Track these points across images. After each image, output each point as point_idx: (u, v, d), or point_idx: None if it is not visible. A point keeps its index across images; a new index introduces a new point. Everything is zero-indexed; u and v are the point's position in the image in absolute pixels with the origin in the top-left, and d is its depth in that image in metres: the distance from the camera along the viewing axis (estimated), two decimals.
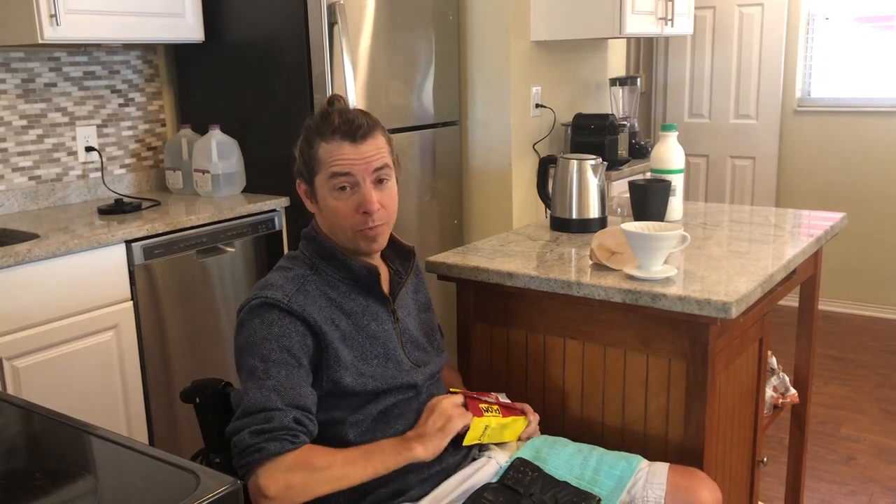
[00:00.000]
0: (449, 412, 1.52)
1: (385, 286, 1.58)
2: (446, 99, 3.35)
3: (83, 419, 1.14)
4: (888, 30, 4.50)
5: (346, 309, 1.50)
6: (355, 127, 1.49)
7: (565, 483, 1.53)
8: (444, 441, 1.49)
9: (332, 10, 2.74)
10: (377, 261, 1.59)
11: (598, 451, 1.63)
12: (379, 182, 1.51)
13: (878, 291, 4.56)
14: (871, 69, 4.52)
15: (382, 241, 1.55)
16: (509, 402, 1.67)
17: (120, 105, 3.03)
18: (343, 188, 1.49)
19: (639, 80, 4.10)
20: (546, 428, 1.71)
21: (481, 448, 1.62)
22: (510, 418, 1.61)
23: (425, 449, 1.46)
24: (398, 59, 3.09)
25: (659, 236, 1.65)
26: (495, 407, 1.61)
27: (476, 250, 1.98)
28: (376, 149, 1.50)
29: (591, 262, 1.81)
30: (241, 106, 2.98)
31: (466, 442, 1.53)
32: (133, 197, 2.88)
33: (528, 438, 1.65)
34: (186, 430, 2.55)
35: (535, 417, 1.68)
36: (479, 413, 1.56)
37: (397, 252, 1.64)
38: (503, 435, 1.58)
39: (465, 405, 1.56)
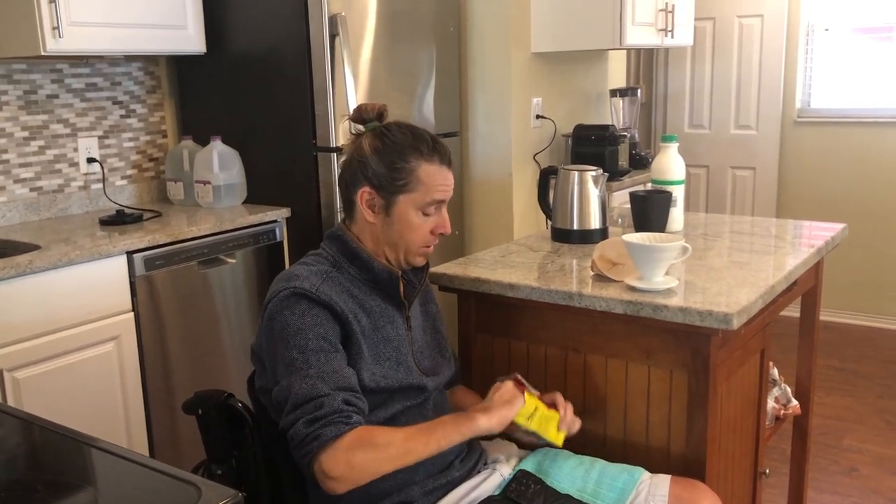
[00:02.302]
0: (514, 390, 1.53)
1: (401, 289, 1.59)
2: (447, 110, 3.36)
3: (84, 431, 1.14)
4: (887, 41, 4.51)
5: (366, 307, 1.51)
6: (447, 152, 1.55)
7: (568, 496, 1.53)
8: (510, 413, 1.48)
9: (333, 21, 2.75)
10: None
11: (600, 463, 1.63)
12: None
13: (880, 302, 4.56)
14: (870, 80, 4.53)
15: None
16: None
17: (121, 116, 3.04)
18: (431, 212, 1.54)
19: (639, 90, 4.11)
20: None
21: (486, 461, 1.61)
22: (553, 411, 1.58)
23: (489, 419, 1.45)
24: (399, 71, 3.10)
25: (660, 247, 1.65)
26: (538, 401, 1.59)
27: (477, 261, 1.98)
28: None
29: (592, 273, 1.81)
30: (243, 117, 2.99)
31: (517, 417, 1.50)
32: (134, 208, 2.88)
33: (567, 430, 1.60)
34: (187, 441, 2.54)
35: (567, 407, 1.63)
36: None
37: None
38: (548, 429, 1.55)
39: None
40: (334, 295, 1.47)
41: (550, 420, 1.57)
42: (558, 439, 1.57)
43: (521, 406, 1.50)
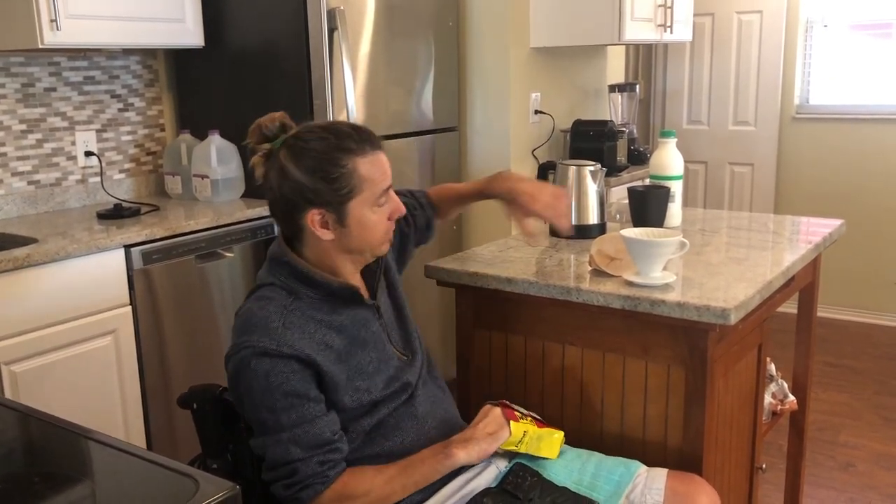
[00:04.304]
0: (501, 419, 1.52)
1: (363, 290, 1.55)
2: (446, 105, 3.35)
3: (81, 424, 1.14)
4: (886, 37, 4.51)
5: (335, 325, 1.47)
6: (372, 134, 1.46)
7: (564, 488, 1.53)
8: (492, 446, 1.48)
9: (331, 15, 2.75)
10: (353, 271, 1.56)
11: (597, 456, 1.63)
12: None
13: (877, 298, 4.57)
14: (869, 76, 4.53)
15: None
16: (541, 418, 1.66)
17: (119, 110, 3.03)
18: (384, 202, 1.46)
19: (637, 86, 4.11)
20: None
21: None
22: (545, 430, 1.59)
23: (468, 453, 1.46)
24: (398, 65, 3.09)
25: (658, 243, 1.65)
26: (529, 419, 1.59)
27: (475, 256, 1.98)
28: None
29: (590, 269, 1.81)
30: (241, 111, 2.98)
31: (504, 446, 1.51)
32: (132, 202, 2.88)
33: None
34: (184, 435, 2.54)
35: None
36: (515, 419, 1.55)
37: None
38: (539, 447, 1.55)
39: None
40: (298, 336, 1.40)
41: (542, 438, 1.57)
42: (552, 453, 1.57)
43: (505, 439, 1.50)
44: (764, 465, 2.06)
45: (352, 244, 1.47)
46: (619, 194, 3.42)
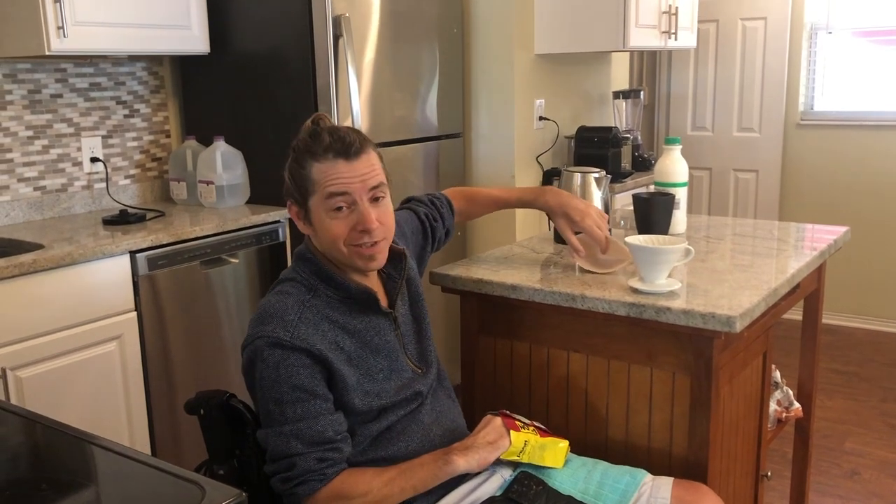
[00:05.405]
0: (502, 429, 1.52)
1: (382, 297, 1.57)
2: (450, 111, 3.36)
3: (86, 429, 1.14)
4: (890, 44, 4.51)
5: (349, 329, 1.48)
6: (347, 144, 1.46)
7: (569, 497, 1.53)
8: (492, 455, 1.49)
9: (337, 22, 2.76)
10: (371, 276, 1.57)
11: (603, 464, 1.62)
12: (375, 200, 1.48)
13: (882, 305, 4.55)
14: (873, 83, 4.53)
15: (382, 259, 1.51)
16: (545, 428, 1.66)
17: (125, 116, 3.04)
18: (340, 208, 1.45)
19: (642, 93, 4.11)
20: None
21: None
22: (549, 439, 1.58)
23: (468, 461, 1.47)
24: (402, 72, 3.10)
25: (663, 250, 1.65)
26: (531, 428, 1.59)
27: (480, 262, 1.98)
28: (370, 166, 1.47)
29: (578, 273, 1.82)
30: (246, 117, 2.99)
31: (506, 456, 1.51)
32: (137, 208, 2.89)
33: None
34: (189, 441, 2.54)
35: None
36: (516, 429, 1.55)
37: (389, 256, 1.61)
38: (543, 457, 1.54)
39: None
40: (311, 332, 1.43)
41: (546, 447, 1.56)
42: (556, 462, 1.56)
43: (505, 449, 1.50)
44: (769, 473, 2.06)
45: (323, 243, 1.51)
46: (623, 201, 3.42)
